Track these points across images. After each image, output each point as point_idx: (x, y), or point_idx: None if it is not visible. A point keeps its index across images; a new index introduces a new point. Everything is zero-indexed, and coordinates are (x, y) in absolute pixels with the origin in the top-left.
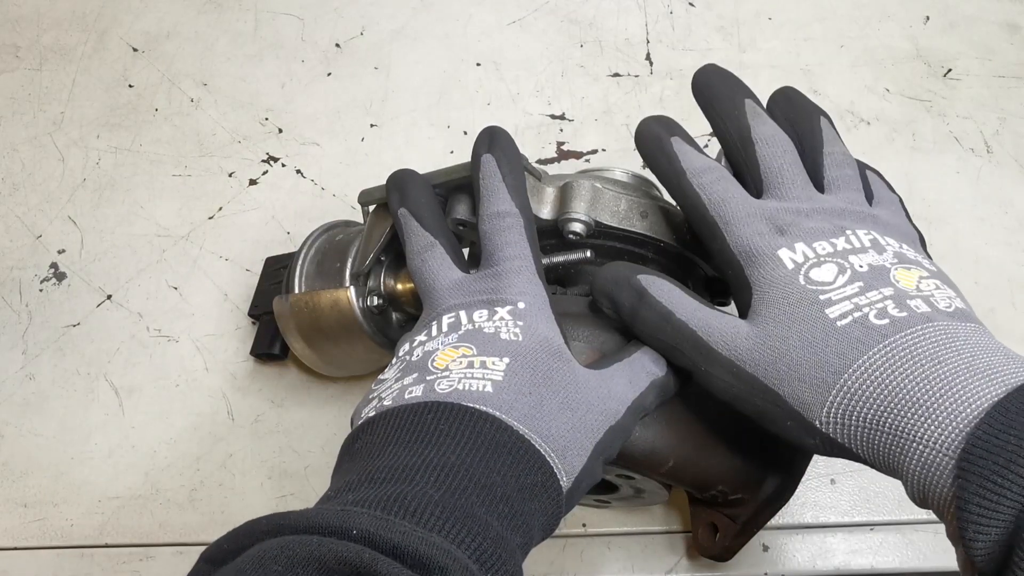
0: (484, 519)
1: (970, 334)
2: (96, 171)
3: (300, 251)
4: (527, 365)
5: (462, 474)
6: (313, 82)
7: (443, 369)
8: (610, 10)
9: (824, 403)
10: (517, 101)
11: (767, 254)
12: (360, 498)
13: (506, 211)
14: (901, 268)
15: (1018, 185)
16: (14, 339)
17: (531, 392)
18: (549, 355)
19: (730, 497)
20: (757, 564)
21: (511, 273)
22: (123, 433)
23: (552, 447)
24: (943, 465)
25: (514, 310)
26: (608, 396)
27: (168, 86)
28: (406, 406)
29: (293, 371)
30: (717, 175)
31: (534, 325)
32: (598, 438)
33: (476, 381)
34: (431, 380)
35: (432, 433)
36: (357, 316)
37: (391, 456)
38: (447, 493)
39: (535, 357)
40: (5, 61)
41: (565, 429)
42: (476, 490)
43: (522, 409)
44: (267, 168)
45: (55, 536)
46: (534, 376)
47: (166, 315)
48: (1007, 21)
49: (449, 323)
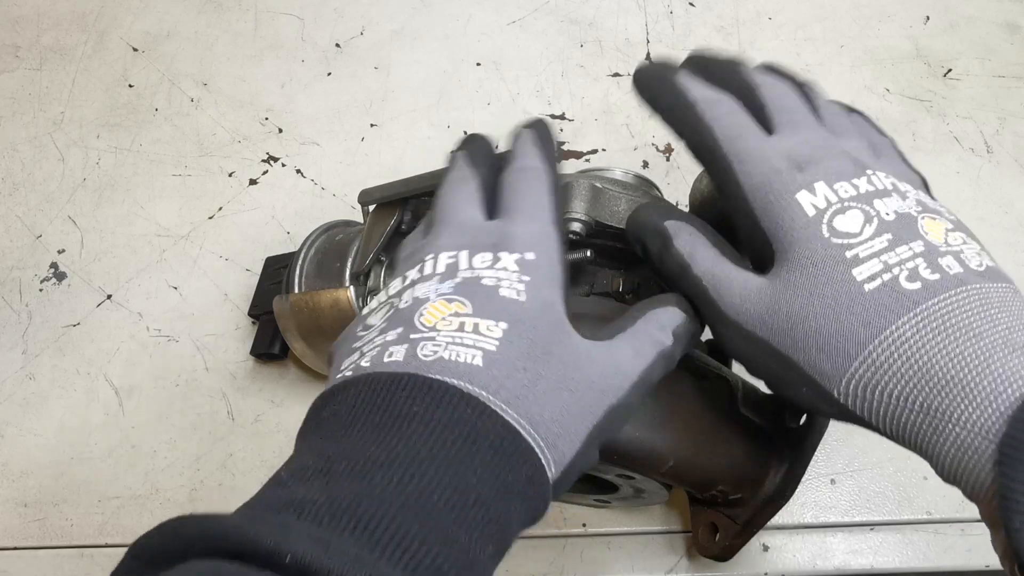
0: (449, 532)
1: (1003, 299)
2: (96, 171)
3: (300, 251)
4: (525, 334)
5: (431, 474)
6: (313, 82)
7: (430, 328)
8: (610, 10)
9: (844, 374)
10: (517, 101)
11: (785, 199)
12: (309, 498)
13: (533, 166)
14: (927, 218)
15: (1018, 185)
16: (14, 339)
17: (526, 368)
18: (550, 324)
19: (730, 497)
20: (757, 564)
21: (526, 220)
22: (123, 433)
23: (543, 435)
24: (982, 449)
25: (521, 260)
26: (611, 371)
27: (168, 86)
28: (381, 375)
29: (293, 371)
30: (730, 107)
31: (539, 284)
32: (595, 421)
33: (465, 350)
34: (415, 340)
35: (403, 417)
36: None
37: (354, 441)
38: (410, 499)
39: (535, 324)
40: (5, 61)
41: (559, 413)
42: (445, 493)
43: (513, 388)
44: (267, 168)
45: (55, 536)
46: (532, 348)
47: (166, 315)
48: (1007, 21)
49: (448, 263)
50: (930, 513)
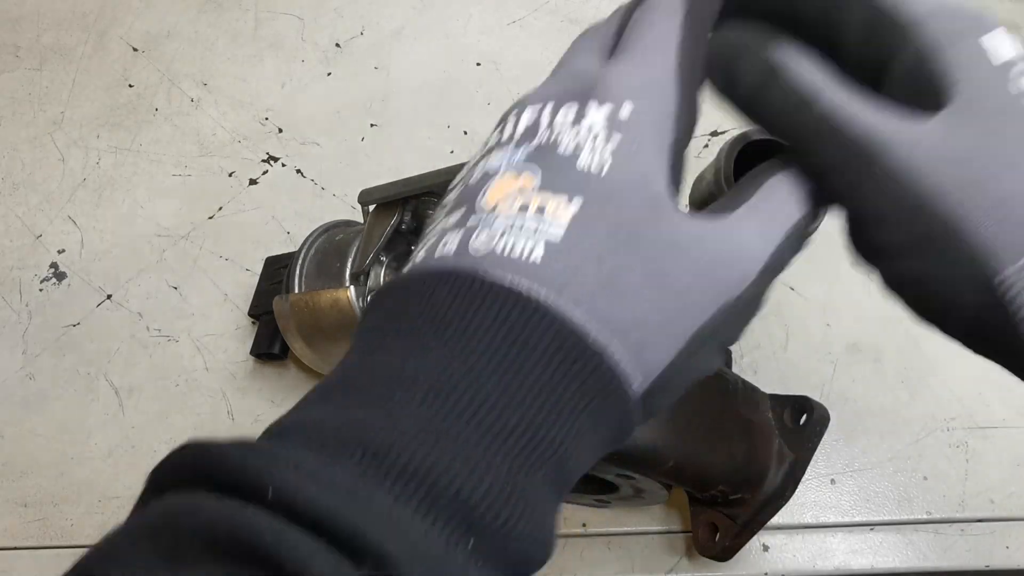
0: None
1: None
2: (96, 171)
3: (300, 251)
4: (605, 216)
5: (460, 390)
6: (313, 82)
7: (491, 210)
8: (610, 10)
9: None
10: None
11: (966, 40)
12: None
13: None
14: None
15: None
16: (14, 339)
17: (601, 259)
18: (642, 201)
19: (730, 497)
20: (757, 564)
21: (635, 61)
22: (123, 433)
23: (621, 339)
24: None
25: (612, 116)
26: (729, 257)
27: (168, 86)
28: (422, 274)
29: (293, 371)
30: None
31: (632, 149)
32: (702, 320)
33: (523, 239)
34: (471, 228)
35: (439, 322)
36: (357, 316)
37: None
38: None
39: (620, 202)
40: (5, 61)
41: (646, 312)
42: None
43: (582, 285)
44: (267, 168)
45: (55, 536)
46: (613, 234)
47: (166, 315)
48: (1007, 21)
49: (528, 123)
50: (930, 513)
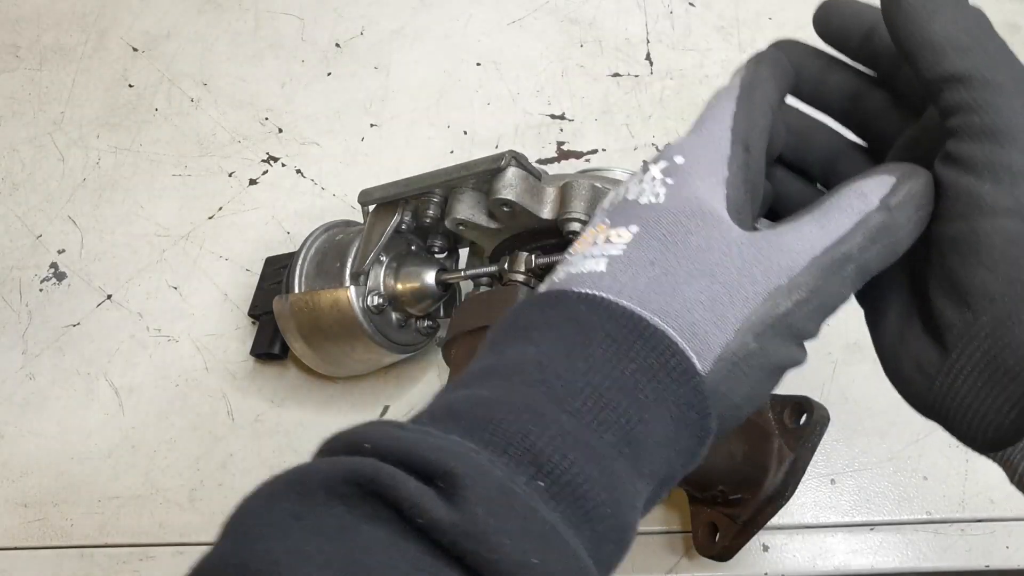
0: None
1: None
2: (96, 171)
3: (300, 251)
4: (658, 232)
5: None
6: (313, 82)
7: (575, 252)
8: (610, 10)
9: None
10: (517, 101)
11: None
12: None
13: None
14: None
15: None
16: (14, 339)
17: (654, 262)
18: (693, 216)
19: (730, 497)
20: (757, 564)
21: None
22: (123, 433)
23: (676, 323)
24: None
25: (669, 167)
26: (777, 250)
27: (168, 86)
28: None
29: (293, 371)
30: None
31: (687, 182)
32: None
33: (590, 260)
34: (560, 267)
35: (521, 327)
36: (357, 316)
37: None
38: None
39: (673, 220)
40: (5, 61)
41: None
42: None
43: (638, 284)
44: (267, 168)
45: (55, 536)
46: (664, 244)
47: (166, 315)
48: (1007, 21)
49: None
50: (930, 513)
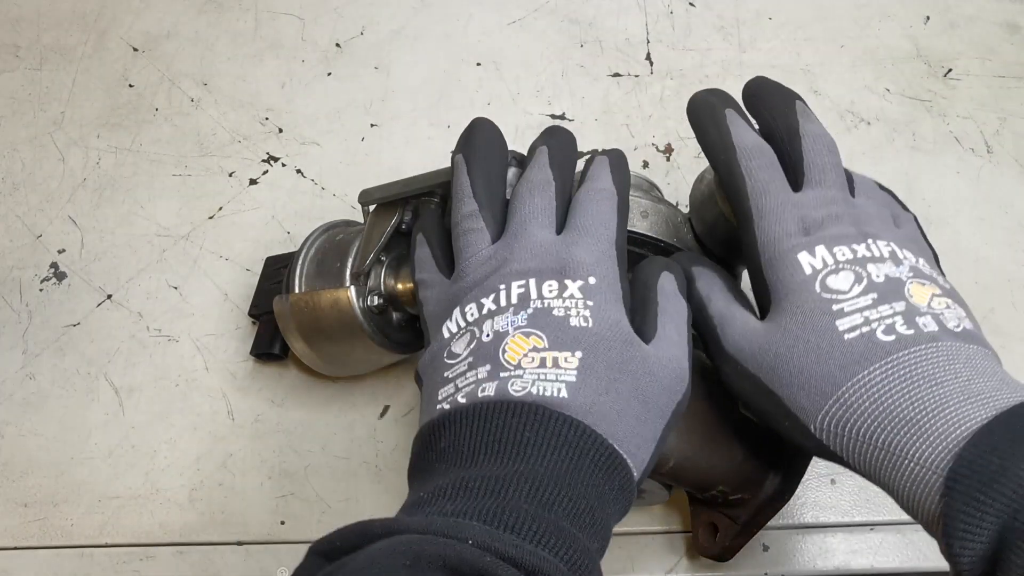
0: (571, 532)
1: (971, 356)
2: (96, 171)
3: (300, 251)
4: (600, 359)
5: (551, 487)
6: (313, 82)
7: (515, 366)
8: (610, 10)
9: (820, 411)
10: (517, 101)
11: (788, 257)
12: (460, 509)
13: (606, 188)
14: (916, 283)
15: (1018, 185)
16: (14, 339)
17: (607, 390)
18: (620, 342)
19: (730, 497)
20: (757, 564)
21: (590, 242)
22: (123, 433)
23: (627, 448)
24: (931, 483)
25: (584, 286)
26: (673, 369)
27: (168, 86)
28: (487, 404)
29: (293, 371)
30: (766, 161)
31: (604, 307)
32: (665, 422)
33: (550, 384)
34: (504, 378)
35: (519, 443)
36: (357, 316)
37: (482, 466)
38: (539, 507)
39: (607, 347)
40: (5, 61)
41: (635, 425)
42: (563, 503)
43: (599, 412)
44: (267, 168)
45: (55, 536)
46: (608, 370)
47: (166, 315)
48: (1007, 21)
49: (519, 294)
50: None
